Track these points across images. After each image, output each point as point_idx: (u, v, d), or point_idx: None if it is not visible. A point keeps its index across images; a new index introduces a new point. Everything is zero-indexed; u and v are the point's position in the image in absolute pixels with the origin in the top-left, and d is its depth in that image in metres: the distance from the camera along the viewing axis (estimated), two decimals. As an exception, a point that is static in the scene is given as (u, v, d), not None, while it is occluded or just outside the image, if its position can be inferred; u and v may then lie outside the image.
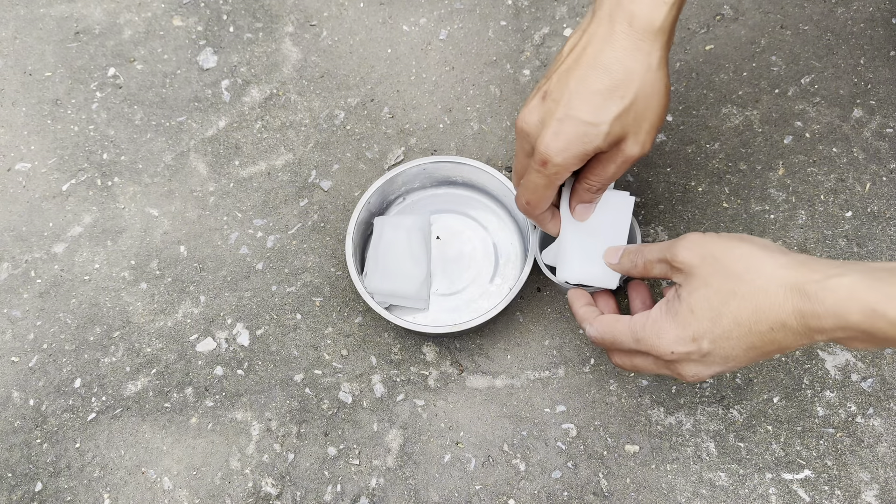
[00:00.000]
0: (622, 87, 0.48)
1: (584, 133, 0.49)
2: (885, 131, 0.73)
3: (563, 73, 0.49)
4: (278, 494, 0.66)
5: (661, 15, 0.47)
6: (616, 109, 0.49)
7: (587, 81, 0.48)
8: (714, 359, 0.48)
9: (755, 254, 0.47)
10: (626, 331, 0.51)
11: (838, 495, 0.62)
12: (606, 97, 0.48)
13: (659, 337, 0.49)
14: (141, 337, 0.72)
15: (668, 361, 0.50)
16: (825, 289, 0.43)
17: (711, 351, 0.48)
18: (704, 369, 0.49)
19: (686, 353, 0.48)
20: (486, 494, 0.64)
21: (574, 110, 0.49)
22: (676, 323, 0.48)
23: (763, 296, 0.45)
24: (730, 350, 0.47)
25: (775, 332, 0.45)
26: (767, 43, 0.77)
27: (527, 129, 0.52)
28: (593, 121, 0.49)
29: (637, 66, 0.48)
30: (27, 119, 0.80)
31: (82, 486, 0.67)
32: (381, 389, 0.68)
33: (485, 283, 0.69)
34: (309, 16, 0.83)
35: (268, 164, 0.77)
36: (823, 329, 0.43)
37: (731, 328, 0.46)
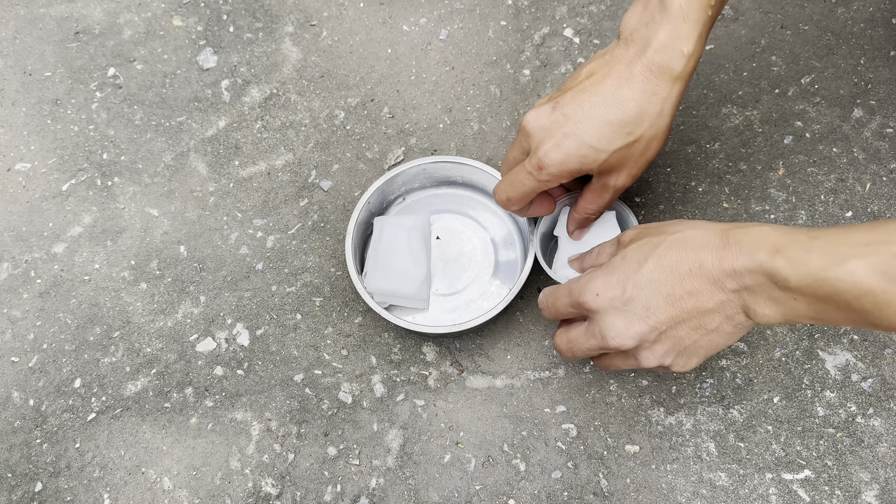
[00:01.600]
0: (632, 124, 0.51)
1: (585, 155, 0.52)
2: (886, 131, 0.73)
3: (579, 92, 0.51)
4: (278, 494, 0.66)
5: (680, 65, 0.50)
6: (620, 143, 0.51)
7: (601, 109, 0.51)
8: (635, 307, 0.48)
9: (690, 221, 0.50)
10: (563, 288, 0.53)
11: (838, 495, 0.62)
12: (615, 129, 0.51)
13: (588, 283, 0.50)
14: (141, 337, 0.72)
15: (594, 315, 0.50)
16: (744, 232, 0.45)
17: (633, 296, 0.48)
18: (626, 325, 0.49)
19: (610, 297, 0.49)
20: (486, 494, 0.64)
21: (581, 131, 0.51)
22: (606, 270, 0.50)
23: (689, 240, 0.47)
24: (651, 297, 0.48)
25: (693, 276, 0.46)
26: (767, 43, 0.77)
27: (530, 130, 0.53)
28: (597, 146, 0.51)
29: (650, 108, 0.51)
30: (27, 119, 0.80)
31: (82, 486, 0.67)
32: (381, 389, 0.68)
33: (485, 283, 0.69)
34: (309, 16, 0.83)
35: (268, 164, 0.77)
36: (735, 270, 0.44)
37: (654, 269, 0.48)
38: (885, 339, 0.66)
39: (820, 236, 0.42)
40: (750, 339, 0.67)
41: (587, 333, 0.52)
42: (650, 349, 0.49)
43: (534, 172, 0.53)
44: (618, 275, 0.49)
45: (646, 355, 0.50)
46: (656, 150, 0.53)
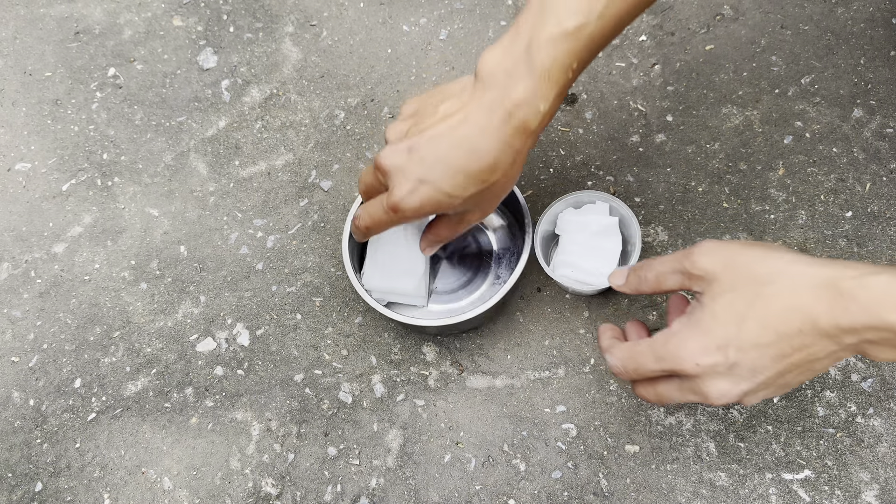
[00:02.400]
0: (486, 173, 0.51)
1: (439, 201, 0.52)
2: (885, 131, 0.73)
3: (436, 137, 0.51)
4: (278, 494, 0.66)
5: (536, 122, 0.49)
6: (474, 190, 0.51)
7: (457, 158, 0.50)
8: (741, 371, 0.45)
9: (782, 256, 0.45)
10: (647, 351, 0.49)
11: (838, 495, 0.62)
12: (469, 178, 0.51)
13: (681, 348, 0.47)
14: (141, 337, 0.72)
15: (693, 378, 0.47)
16: (861, 286, 0.41)
17: (738, 361, 0.45)
18: (731, 386, 0.46)
19: (711, 364, 0.46)
20: (486, 494, 0.64)
21: (436, 179, 0.51)
22: (700, 331, 0.46)
23: (792, 295, 0.44)
24: (757, 359, 0.45)
25: (805, 334, 0.43)
26: (767, 43, 0.77)
27: (386, 169, 0.53)
28: (451, 193, 0.51)
29: (504, 159, 0.50)
30: (27, 119, 0.80)
31: (82, 486, 0.67)
32: (381, 389, 0.68)
33: (483, 281, 0.69)
34: (309, 16, 0.83)
35: (268, 164, 0.77)
36: (855, 328, 0.42)
37: (759, 332, 0.44)
38: (885, 339, 0.66)
39: None
40: (750, 339, 0.67)
41: (683, 390, 0.49)
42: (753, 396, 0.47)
43: (389, 213, 0.54)
44: (715, 339, 0.45)
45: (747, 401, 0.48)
46: (506, 192, 0.54)
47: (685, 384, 0.48)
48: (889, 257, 0.68)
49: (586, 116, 0.76)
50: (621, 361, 0.51)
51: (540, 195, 0.74)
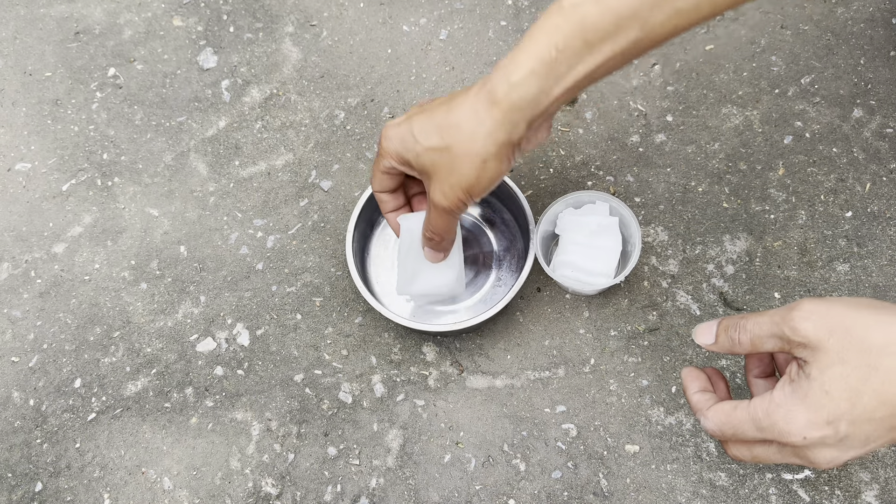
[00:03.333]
0: (447, 129, 0.51)
1: (404, 139, 0.54)
2: (885, 131, 0.73)
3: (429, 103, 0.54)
4: (278, 494, 0.66)
5: (502, 91, 0.49)
6: (434, 143, 0.52)
7: (435, 110, 0.53)
8: (852, 442, 0.44)
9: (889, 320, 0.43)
10: (748, 419, 0.47)
11: (838, 495, 0.62)
12: (434, 128, 0.52)
13: (787, 423, 0.45)
14: (141, 337, 0.72)
15: (798, 448, 0.45)
16: None
17: (850, 434, 0.43)
18: (840, 454, 0.45)
19: (820, 437, 0.44)
20: (486, 494, 0.64)
21: (413, 125, 0.53)
22: (807, 406, 0.44)
23: None
24: (871, 432, 0.43)
25: None
26: (767, 43, 0.77)
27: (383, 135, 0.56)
28: (416, 137, 0.53)
29: (467, 125, 0.51)
30: (27, 119, 0.80)
31: (82, 486, 0.67)
32: (381, 389, 0.68)
33: (485, 282, 0.69)
34: (309, 16, 0.83)
35: (268, 164, 0.77)
36: None
37: (875, 408, 0.43)
38: (885, 339, 0.66)
39: None
40: (750, 339, 0.67)
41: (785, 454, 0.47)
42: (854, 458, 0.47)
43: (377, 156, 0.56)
44: (825, 414, 0.43)
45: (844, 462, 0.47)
46: (469, 176, 0.52)
47: (787, 450, 0.47)
48: (889, 257, 0.68)
49: (586, 116, 0.76)
50: (719, 427, 0.49)
51: (540, 195, 0.74)
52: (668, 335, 0.68)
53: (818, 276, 0.68)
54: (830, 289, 0.68)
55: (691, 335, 0.52)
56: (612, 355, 0.68)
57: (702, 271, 0.70)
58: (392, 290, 0.70)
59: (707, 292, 0.69)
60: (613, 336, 0.68)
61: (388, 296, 0.70)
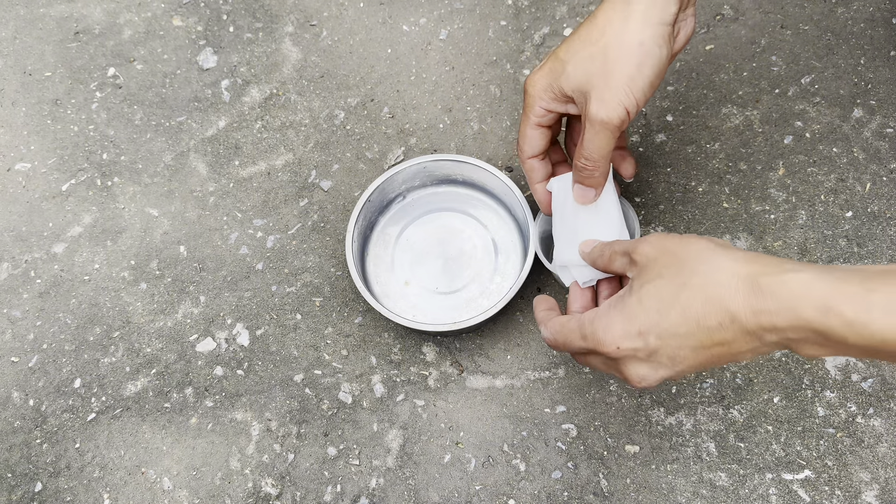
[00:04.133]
0: (595, 34, 0.50)
1: (553, 68, 0.52)
2: (886, 131, 0.73)
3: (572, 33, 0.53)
4: (278, 494, 0.66)
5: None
6: (584, 52, 0.51)
7: (576, 33, 0.52)
8: (661, 359, 0.46)
9: (711, 248, 0.45)
10: (575, 328, 0.50)
11: (838, 495, 0.62)
12: (581, 42, 0.51)
13: (605, 331, 0.47)
14: (141, 337, 0.72)
15: (615, 360, 0.48)
16: (780, 282, 0.41)
17: (658, 349, 0.45)
18: (651, 371, 0.47)
19: (632, 349, 0.46)
20: (486, 494, 0.64)
21: (558, 52, 0.53)
22: (624, 316, 0.47)
23: (714, 287, 0.43)
24: (677, 349, 0.45)
25: (724, 329, 0.43)
26: (767, 43, 0.77)
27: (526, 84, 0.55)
28: (564, 58, 0.52)
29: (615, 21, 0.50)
30: (27, 119, 0.80)
31: (82, 486, 0.67)
32: (381, 389, 0.68)
33: (485, 281, 0.69)
34: (309, 16, 0.83)
35: (268, 164, 0.77)
36: (776, 326, 0.41)
37: (679, 322, 0.44)
38: (885, 339, 0.66)
39: (877, 289, 0.38)
40: (750, 339, 0.67)
41: (608, 366, 0.50)
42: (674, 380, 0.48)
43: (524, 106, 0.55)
44: (637, 324, 0.46)
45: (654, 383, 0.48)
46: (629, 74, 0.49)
47: (609, 362, 0.49)
48: (889, 257, 0.68)
49: (586, 116, 0.76)
50: (552, 335, 0.52)
51: (540, 195, 0.74)
52: (669, 335, 0.68)
53: (818, 276, 0.68)
54: (830, 289, 0.68)
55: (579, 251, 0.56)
56: (613, 355, 0.68)
57: (702, 271, 0.70)
58: (392, 290, 0.70)
59: (707, 292, 0.69)
60: (613, 336, 0.68)
61: (388, 296, 0.70)
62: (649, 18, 0.49)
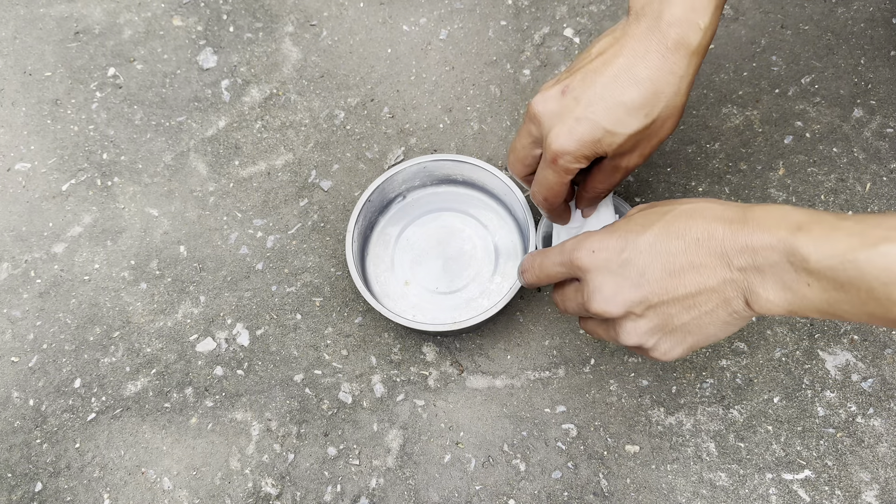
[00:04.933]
0: (648, 105, 0.48)
1: (599, 140, 0.49)
2: (886, 131, 0.73)
3: (590, 73, 0.48)
4: (278, 494, 0.66)
5: (696, 39, 0.47)
6: (636, 126, 0.48)
7: (614, 89, 0.48)
8: (629, 273, 0.45)
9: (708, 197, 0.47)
10: (557, 246, 0.50)
11: (838, 495, 0.62)
12: (630, 111, 0.48)
13: (585, 239, 0.47)
14: (141, 337, 0.72)
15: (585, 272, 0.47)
16: (765, 210, 0.42)
17: (629, 259, 0.45)
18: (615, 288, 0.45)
19: (605, 258, 0.46)
20: (486, 494, 0.64)
21: (595, 115, 0.48)
22: (608, 230, 0.47)
23: (702, 211, 0.44)
24: (648, 263, 0.44)
25: (700, 245, 0.43)
26: (767, 43, 0.77)
27: (539, 116, 0.50)
28: (612, 130, 0.48)
29: (667, 88, 0.47)
30: (27, 119, 0.80)
31: (82, 486, 0.67)
32: (381, 389, 0.68)
33: (485, 281, 0.69)
34: (309, 16, 0.83)
35: (268, 164, 0.77)
36: (749, 246, 0.41)
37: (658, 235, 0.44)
38: (885, 339, 0.66)
39: (848, 218, 0.39)
40: (750, 338, 0.67)
41: (576, 291, 0.49)
42: (634, 323, 0.46)
43: (552, 166, 0.50)
44: (618, 235, 0.46)
45: (628, 329, 0.46)
46: (671, 130, 0.50)
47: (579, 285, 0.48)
48: (889, 257, 0.68)
49: (586, 116, 0.76)
50: (529, 258, 0.52)
51: (540, 195, 0.73)
52: (668, 335, 0.68)
53: (818, 276, 0.68)
54: (830, 289, 0.68)
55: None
56: (612, 355, 0.68)
57: (702, 271, 0.70)
58: (392, 290, 0.70)
59: (707, 292, 0.69)
60: (613, 336, 0.68)
61: (388, 296, 0.70)
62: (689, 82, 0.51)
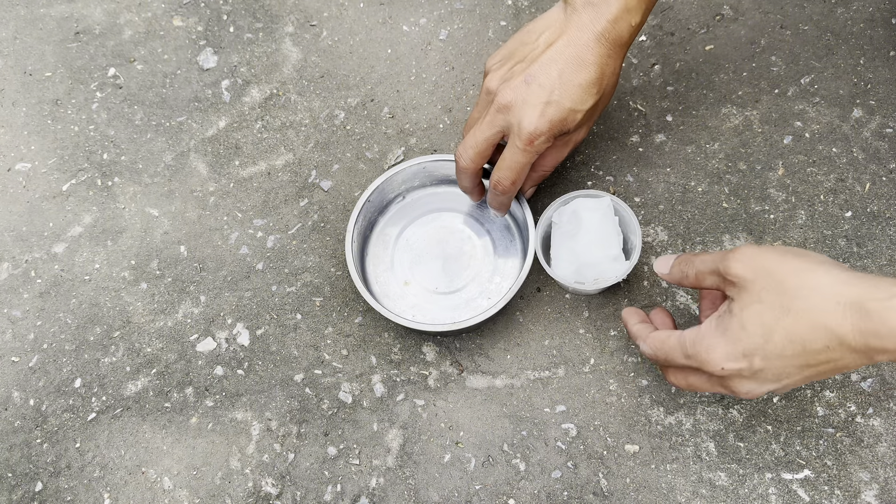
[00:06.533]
0: (597, 84, 0.58)
1: (565, 118, 0.58)
2: (885, 131, 0.73)
3: (548, 62, 0.57)
4: (278, 494, 0.66)
5: (628, 35, 0.57)
6: (591, 102, 0.58)
7: (570, 75, 0.57)
8: (767, 376, 0.48)
9: (812, 268, 0.46)
10: (677, 346, 0.51)
11: (838, 495, 0.62)
12: (585, 91, 0.57)
13: (708, 353, 0.49)
14: (141, 337, 0.72)
15: (720, 378, 0.49)
16: (888, 308, 0.42)
17: (763, 368, 0.47)
18: (757, 386, 0.49)
19: (737, 369, 0.48)
20: (486, 494, 0.65)
21: (560, 97, 0.57)
22: (727, 339, 0.48)
23: (819, 313, 0.44)
24: (782, 369, 0.47)
25: (831, 350, 0.44)
26: (767, 43, 0.77)
27: (509, 104, 0.58)
28: (574, 108, 0.57)
29: (608, 70, 0.58)
30: (27, 119, 0.80)
31: (82, 486, 0.67)
32: (381, 389, 0.69)
33: (484, 281, 0.69)
34: (309, 16, 0.83)
35: (268, 164, 0.77)
36: (886, 349, 0.42)
37: (784, 346, 0.46)
38: (884, 339, 0.66)
39: None
40: (750, 338, 0.67)
41: (712, 383, 0.51)
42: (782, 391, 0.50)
43: (527, 148, 0.58)
44: (741, 347, 0.47)
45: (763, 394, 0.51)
46: (606, 104, 0.62)
47: (713, 380, 0.51)
48: (889, 257, 0.68)
49: (586, 116, 0.76)
50: (653, 351, 0.54)
51: (540, 195, 0.74)
52: (668, 335, 0.68)
53: (818, 275, 0.68)
54: (830, 289, 0.68)
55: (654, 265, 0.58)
56: (612, 355, 0.68)
57: (701, 271, 0.70)
58: (392, 290, 0.70)
59: (707, 292, 0.69)
60: (613, 336, 0.68)
61: (387, 296, 0.70)
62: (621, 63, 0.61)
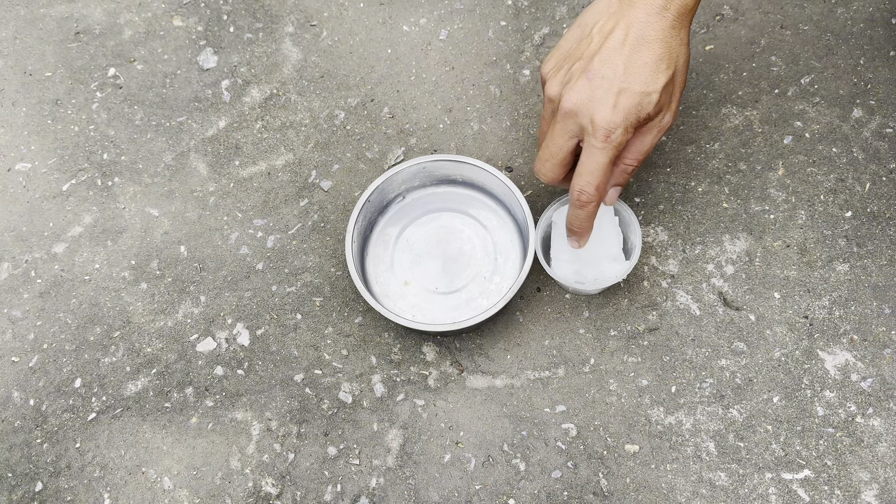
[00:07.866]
0: (666, 60, 0.53)
1: (639, 103, 0.53)
2: (885, 131, 0.73)
3: (609, 53, 0.53)
4: (278, 494, 0.66)
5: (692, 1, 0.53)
6: (664, 79, 0.54)
7: (634, 57, 0.53)
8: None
9: None
10: None
11: (838, 495, 0.62)
12: (654, 69, 0.53)
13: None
14: (141, 337, 0.72)
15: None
16: None
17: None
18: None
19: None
20: (486, 494, 0.65)
21: (628, 83, 0.53)
22: None
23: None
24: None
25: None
26: (767, 43, 0.77)
27: (576, 109, 0.54)
28: (646, 90, 0.53)
29: (675, 42, 0.54)
30: (27, 119, 0.80)
31: (82, 486, 0.67)
32: (381, 389, 0.69)
33: (484, 281, 0.70)
34: (309, 16, 0.83)
35: (268, 164, 0.77)
36: None
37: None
38: (884, 339, 0.66)
39: None
40: (749, 338, 0.67)
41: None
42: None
43: (605, 145, 0.54)
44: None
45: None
46: (684, 81, 0.56)
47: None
48: (889, 257, 0.69)
49: (586, 116, 0.76)
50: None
51: (540, 195, 0.74)
52: (668, 335, 0.68)
53: (818, 276, 0.68)
54: (830, 288, 0.68)
55: None
56: (612, 355, 0.68)
57: (701, 271, 0.70)
58: (392, 290, 0.70)
59: (707, 292, 0.69)
60: (613, 336, 0.68)
61: (387, 296, 0.70)
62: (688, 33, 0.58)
